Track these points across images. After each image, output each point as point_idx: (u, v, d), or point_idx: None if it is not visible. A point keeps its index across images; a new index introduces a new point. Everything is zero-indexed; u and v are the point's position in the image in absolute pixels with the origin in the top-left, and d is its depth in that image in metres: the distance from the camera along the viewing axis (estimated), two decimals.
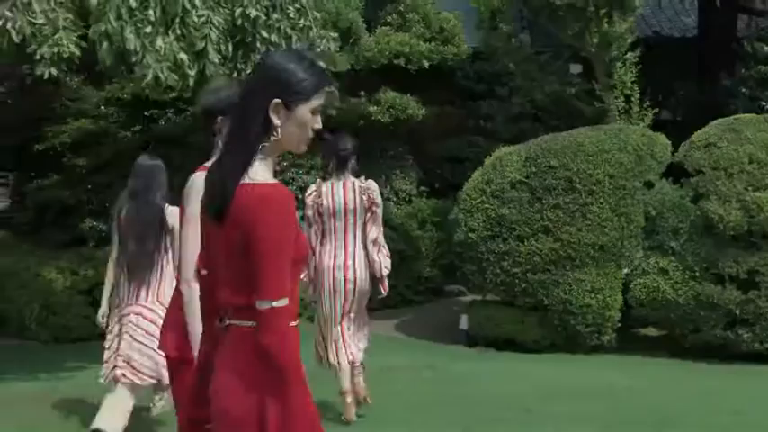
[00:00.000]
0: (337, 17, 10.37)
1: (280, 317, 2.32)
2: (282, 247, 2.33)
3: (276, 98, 2.37)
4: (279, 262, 2.32)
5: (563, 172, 9.00)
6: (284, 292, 2.33)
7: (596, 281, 8.73)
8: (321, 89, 2.42)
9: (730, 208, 8.31)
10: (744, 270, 8.24)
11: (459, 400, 6.94)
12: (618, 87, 10.11)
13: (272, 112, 2.37)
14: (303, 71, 2.40)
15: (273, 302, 2.31)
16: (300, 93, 2.38)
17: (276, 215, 2.32)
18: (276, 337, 2.31)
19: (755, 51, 10.90)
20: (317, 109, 2.42)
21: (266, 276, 2.31)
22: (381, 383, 7.37)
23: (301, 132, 2.41)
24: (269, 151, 2.40)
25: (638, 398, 6.85)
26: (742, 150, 8.65)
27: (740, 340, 8.27)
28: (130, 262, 5.55)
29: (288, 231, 2.35)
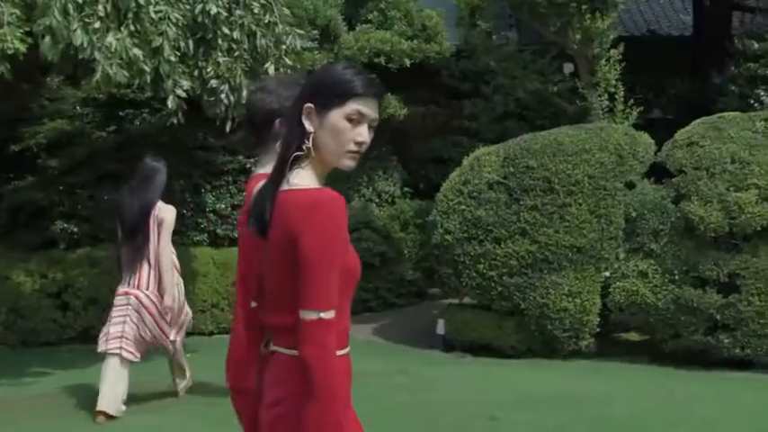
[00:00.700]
0: (315, 14, 10.16)
1: (326, 330, 2.10)
2: (332, 252, 2.11)
3: (309, 102, 2.22)
4: (328, 269, 2.11)
5: (541, 172, 8.75)
6: (333, 303, 2.11)
7: (574, 284, 8.47)
8: (359, 95, 2.19)
9: (711, 209, 8.03)
10: (725, 273, 7.95)
11: (425, 407, 6.72)
12: (601, 85, 9.84)
13: (304, 117, 2.22)
14: (341, 75, 2.23)
15: (321, 313, 2.09)
16: (332, 96, 2.20)
17: (324, 219, 2.11)
18: (319, 352, 2.08)
19: (746, 48, 10.60)
20: (355, 117, 2.19)
21: (313, 285, 2.10)
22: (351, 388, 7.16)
23: (336, 142, 2.19)
24: (314, 162, 2.22)
25: (609, 405, 6.58)
26: (725, 149, 8.37)
27: (721, 346, 7.98)
28: (123, 252, 6.42)
29: (337, 237, 2.13)
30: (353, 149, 2.21)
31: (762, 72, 10.28)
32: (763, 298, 7.84)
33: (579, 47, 9.51)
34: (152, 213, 6.42)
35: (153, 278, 6.44)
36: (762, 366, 8.00)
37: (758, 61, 10.38)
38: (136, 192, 6.49)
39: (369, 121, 2.23)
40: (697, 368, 8.09)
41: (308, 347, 2.09)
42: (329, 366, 2.08)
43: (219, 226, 10.30)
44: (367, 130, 2.23)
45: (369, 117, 2.23)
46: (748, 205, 7.91)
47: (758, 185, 8.06)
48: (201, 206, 10.22)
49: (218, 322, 9.81)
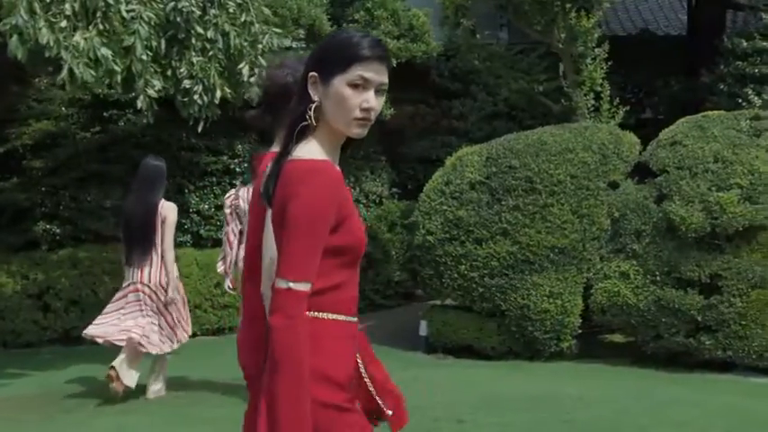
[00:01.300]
0: (299, 14, 10.09)
1: (294, 301, 2.05)
2: (314, 224, 2.06)
3: (313, 71, 2.17)
4: (307, 240, 2.06)
5: (523, 172, 8.67)
6: (307, 275, 2.06)
7: (555, 285, 8.38)
8: (362, 59, 2.12)
9: (692, 209, 7.92)
10: (706, 274, 7.84)
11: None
12: (586, 84, 9.73)
13: (309, 87, 2.17)
14: (343, 40, 2.17)
15: (291, 283, 2.05)
16: (334, 62, 2.14)
17: (311, 189, 2.06)
18: (285, 322, 2.03)
19: (735, 47, 10.47)
20: (359, 82, 2.12)
21: (288, 253, 2.06)
22: None
23: (341, 110, 2.13)
24: (323, 132, 2.18)
25: (581, 407, 6.48)
26: (708, 149, 8.26)
27: (702, 348, 7.87)
28: (128, 249, 6.79)
29: (323, 209, 2.07)
30: (360, 116, 2.14)
31: (750, 71, 10.15)
32: (744, 299, 7.72)
33: (564, 45, 9.40)
34: (157, 212, 6.79)
35: (156, 273, 6.80)
36: (744, 368, 7.89)
37: (747, 60, 10.25)
38: (140, 192, 6.85)
39: (375, 86, 2.16)
40: (679, 370, 8.00)
41: (275, 316, 2.05)
42: (293, 338, 2.03)
43: (203, 227, 10.25)
44: (374, 95, 2.16)
45: (374, 82, 2.15)
46: (730, 205, 7.79)
47: (741, 185, 7.95)
48: (185, 207, 10.16)
49: (200, 323, 9.75)
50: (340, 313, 2.18)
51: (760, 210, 7.79)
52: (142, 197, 6.80)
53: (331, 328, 2.16)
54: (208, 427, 6.09)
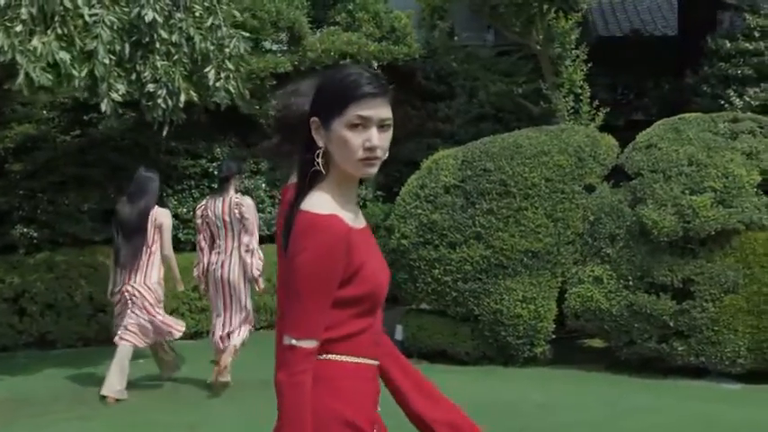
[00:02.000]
0: (277, 17, 10.05)
1: (298, 358, 2.06)
2: (317, 282, 2.06)
3: (314, 116, 2.15)
4: (311, 298, 2.06)
5: (498, 175, 8.58)
6: (312, 332, 2.07)
7: (528, 290, 8.29)
8: (358, 98, 2.08)
9: (665, 213, 7.81)
10: (679, 279, 7.73)
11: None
12: (565, 86, 9.62)
13: (314, 132, 2.15)
14: (337, 81, 2.13)
15: (294, 340, 2.06)
16: (331, 105, 2.10)
17: (312, 247, 2.05)
18: (289, 379, 2.05)
19: (718, 48, 10.33)
20: (359, 122, 2.08)
21: (293, 311, 2.08)
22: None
23: (345, 153, 2.09)
24: (334, 176, 2.15)
25: (541, 415, 6.41)
26: (682, 151, 8.15)
27: (675, 353, 7.76)
28: (121, 254, 7.16)
29: (325, 267, 2.06)
30: (364, 157, 2.09)
31: (733, 72, 10.01)
32: (717, 304, 7.61)
33: (542, 47, 9.30)
34: (149, 218, 7.21)
35: (146, 275, 7.21)
36: (717, 375, 7.78)
37: (730, 61, 10.11)
38: (134, 200, 7.27)
39: (377, 123, 2.10)
40: (652, 376, 7.89)
41: (279, 372, 2.06)
42: (297, 396, 2.04)
43: (181, 230, 10.22)
44: (376, 133, 2.10)
45: (375, 119, 2.10)
46: (703, 209, 7.68)
47: (714, 188, 7.83)
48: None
49: None
50: (359, 356, 2.18)
51: (733, 213, 7.68)
52: (135, 205, 7.22)
53: (349, 369, 2.16)
54: None
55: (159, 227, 7.26)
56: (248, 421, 6.41)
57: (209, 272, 7.30)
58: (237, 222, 7.14)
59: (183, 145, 10.30)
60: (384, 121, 2.11)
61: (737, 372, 7.70)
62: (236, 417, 6.57)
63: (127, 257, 7.14)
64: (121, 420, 6.50)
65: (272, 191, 10.78)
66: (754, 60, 9.88)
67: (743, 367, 7.68)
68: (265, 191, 10.71)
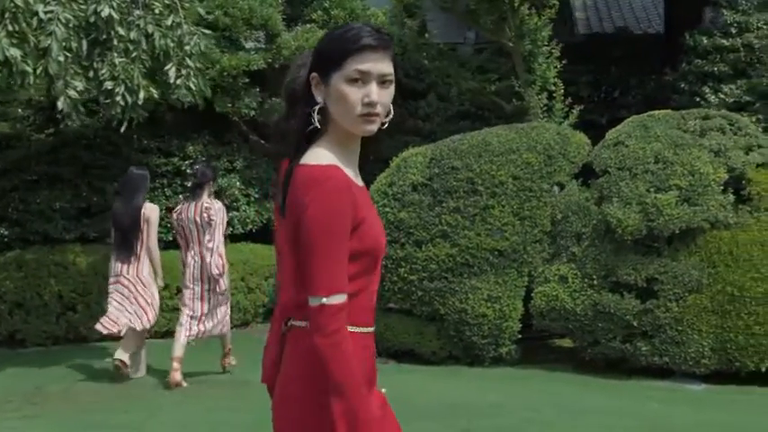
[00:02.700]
0: (250, 14, 9.99)
1: (332, 316, 1.97)
2: (332, 233, 1.97)
3: (314, 72, 2.08)
4: (329, 251, 1.97)
5: (465, 173, 8.50)
6: (338, 286, 1.98)
7: (494, 289, 8.20)
8: (356, 51, 2.01)
9: (629, 211, 7.72)
10: (642, 278, 7.64)
11: None
12: (537, 83, 9.52)
13: (313, 89, 2.08)
14: (336, 35, 2.07)
15: (324, 299, 1.97)
16: (329, 59, 2.04)
17: (320, 197, 1.97)
18: (327, 341, 1.96)
19: (696, 45, 10.20)
20: (357, 77, 2.01)
21: (314, 268, 1.98)
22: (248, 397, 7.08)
23: (343, 108, 2.03)
24: (332, 134, 2.08)
25: (490, 416, 6.31)
26: (649, 149, 8.05)
27: (639, 354, 7.67)
28: (117, 247, 7.69)
29: (337, 216, 1.98)
30: (363, 112, 2.03)
31: (710, 69, 9.88)
32: (681, 304, 7.52)
33: (514, 44, 9.21)
34: (140, 215, 7.65)
35: (135, 267, 7.70)
36: (683, 375, 7.68)
37: (706, 58, 9.99)
38: (126, 197, 7.74)
39: (377, 78, 2.03)
40: (617, 376, 7.80)
41: (316, 336, 1.97)
42: (340, 354, 1.97)
43: None
44: (375, 88, 2.03)
45: (374, 74, 2.03)
46: (667, 207, 7.58)
47: (680, 186, 7.73)
48: None
49: None
50: (355, 324, 2.07)
51: (698, 212, 7.58)
52: (128, 202, 7.68)
53: None
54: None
55: (147, 221, 7.67)
56: (197, 421, 6.38)
57: (185, 267, 7.68)
58: (207, 225, 7.47)
59: (156, 143, 10.26)
60: (385, 76, 2.05)
61: (702, 372, 7.61)
62: (186, 416, 6.52)
63: (122, 251, 7.67)
64: (69, 421, 6.45)
65: (247, 189, 10.73)
66: (730, 57, 9.75)
67: (707, 368, 7.58)
68: (240, 189, 10.66)
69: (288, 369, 2.13)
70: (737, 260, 7.53)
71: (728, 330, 7.48)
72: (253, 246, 10.63)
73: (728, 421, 6.38)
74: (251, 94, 10.40)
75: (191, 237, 7.53)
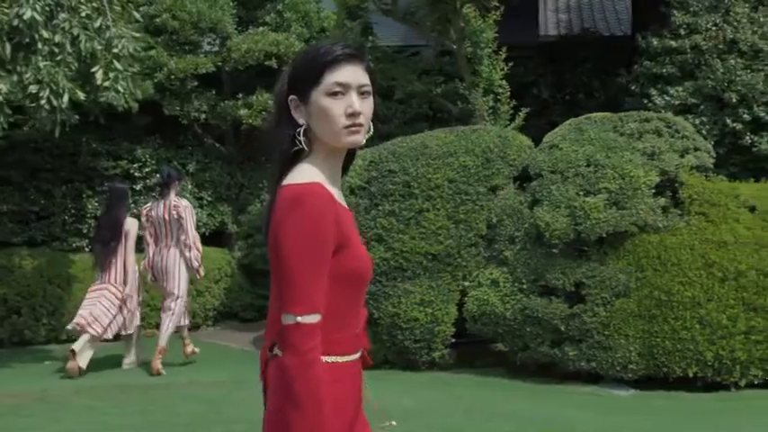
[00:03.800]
0: (199, 18, 9.99)
1: (305, 335, 1.92)
2: (309, 251, 1.93)
3: (291, 94, 2.06)
4: (306, 269, 1.92)
5: (402, 176, 8.46)
6: (314, 305, 1.92)
7: (426, 293, 8.15)
8: (332, 64, 2.01)
9: (558, 214, 7.65)
10: (571, 282, 7.56)
11: (222, 422, 6.49)
12: (480, 86, 9.46)
13: (293, 112, 2.06)
14: (309, 53, 2.07)
15: (298, 317, 1.91)
16: (306, 77, 2.03)
17: (300, 212, 1.93)
18: (299, 360, 1.91)
19: (648, 46, 10.10)
20: (337, 90, 2.00)
21: (289, 285, 1.93)
22: (164, 398, 7.08)
23: (327, 123, 2.01)
24: (317, 154, 2.06)
25: (399, 420, 6.26)
26: (581, 152, 7.97)
27: (567, 359, 7.59)
28: (99, 255, 8.23)
29: (317, 232, 1.93)
30: (348, 123, 2.00)
31: (658, 71, 9.78)
32: (608, 308, 7.44)
33: (457, 46, 9.14)
34: (122, 227, 8.19)
35: (119, 275, 8.21)
36: (612, 380, 7.60)
37: (656, 59, 9.88)
38: (110, 210, 8.33)
39: (356, 89, 2.02)
40: (547, 381, 7.74)
41: (287, 355, 1.92)
42: (310, 375, 1.91)
43: None
44: (357, 98, 2.02)
45: (352, 85, 2.02)
46: (594, 210, 7.51)
47: (609, 190, 7.65)
48: (82, 212, 10.14)
49: None
50: (338, 355, 2.02)
51: (626, 215, 7.50)
52: (111, 214, 8.27)
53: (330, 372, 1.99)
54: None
55: (126, 233, 8.20)
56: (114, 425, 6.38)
57: (154, 263, 8.31)
58: (175, 222, 8.14)
59: (106, 146, 10.28)
60: (363, 86, 2.04)
61: (630, 378, 7.53)
62: (109, 420, 6.52)
63: (103, 260, 8.19)
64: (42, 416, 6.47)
65: (200, 192, 10.74)
66: (678, 59, 9.64)
67: (635, 373, 7.50)
68: (193, 192, 10.67)
69: (272, 398, 2.04)
70: (665, 264, 7.45)
71: (655, 335, 7.39)
72: (205, 249, 10.61)
73: (640, 427, 6.31)
74: (202, 97, 10.39)
75: (160, 234, 8.21)
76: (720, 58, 9.24)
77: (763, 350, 7.33)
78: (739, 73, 9.10)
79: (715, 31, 9.28)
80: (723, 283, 7.39)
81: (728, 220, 7.66)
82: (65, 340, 9.73)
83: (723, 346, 7.33)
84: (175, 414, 6.74)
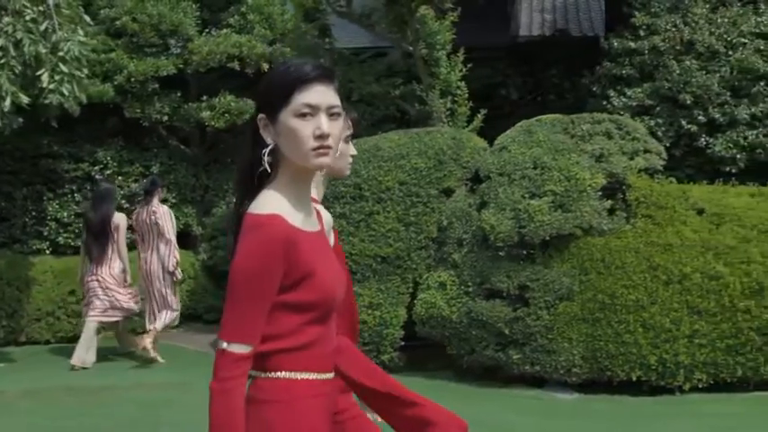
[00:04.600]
0: (159, 20, 9.98)
1: (229, 363, 1.93)
2: (250, 283, 1.94)
3: (260, 113, 2.04)
4: (244, 299, 1.94)
5: (353, 179, 8.43)
6: (243, 336, 1.95)
7: (375, 296, 8.13)
8: (301, 85, 1.98)
9: (503, 217, 7.61)
10: (515, 285, 7.52)
11: (158, 425, 6.50)
12: (437, 87, 9.42)
13: (262, 131, 2.03)
14: (278, 72, 2.05)
15: (225, 344, 1.95)
16: (275, 97, 2.01)
17: (247, 247, 1.94)
18: (218, 386, 1.93)
19: (610, 47, 10.04)
20: (306, 111, 1.98)
21: (227, 312, 1.96)
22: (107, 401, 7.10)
23: (294, 145, 1.99)
24: (285, 175, 2.04)
25: None
26: (529, 154, 7.94)
27: (511, 362, 7.55)
28: (90, 249, 8.72)
29: (259, 267, 1.94)
30: (316, 146, 1.98)
31: (617, 72, 9.72)
32: (551, 312, 7.40)
33: (413, 48, 9.11)
34: (110, 222, 8.70)
35: (110, 266, 8.70)
36: (556, 384, 7.56)
37: (616, 60, 9.82)
38: (96, 207, 8.77)
39: (325, 110, 2.00)
40: (493, 385, 7.70)
41: (212, 379, 1.95)
42: (225, 403, 1.92)
43: (61, 234, 10.21)
44: (326, 120, 1.99)
45: (322, 106, 2.00)
46: (538, 213, 7.46)
47: (555, 192, 7.61)
48: (43, 214, 10.16)
49: (54, 331, 9.76)
50: (312, 371, 2.06)
51: (570, 218, 7.45)
52: (97, 211, 8.70)
53: (304, 389, 2.05)
54: None
55: (116, 228, 8.72)
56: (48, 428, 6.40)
57: (142, 266, 8.91)
58: (155, 226, 8.71)
59: (67, 149, 10.30)
60: (332, 108, 2.02)
61: (574, 381, 7.48)
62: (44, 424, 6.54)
63: (94, 253, 8.67)
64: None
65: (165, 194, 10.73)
66: (637, 60, 9.58)
67: (579, 377, 7.45)
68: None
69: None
70: (609, 267, 7.40)
71: (599, 339, 7.35)
72: None
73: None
74: (165, 99, 10.40)
75: (145, 236, 8.84)
76: (677, 60, 9.17)
77: (707, 354, 7.27)
78: (695, 74, 9.03)
79: (673, 33, 9.21)
80: (667, 286, 7.34)
81: (675, 223, 7.60)
82: (23, 342, 9.77)
83: (667, 350, 7.28)
84: (111, 417, 6.76)
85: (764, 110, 8.68)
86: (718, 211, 7.76)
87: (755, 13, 9.34)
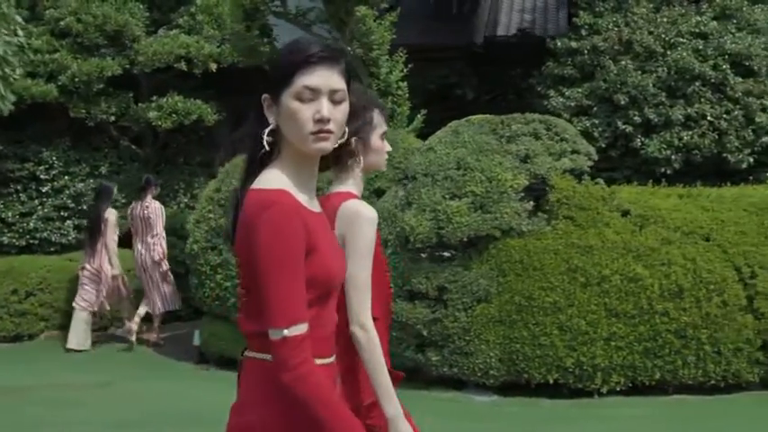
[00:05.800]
0: (103, 21, 10.00)
1: (294, 348, 1.91)
2: (284, 260, 1.91)
3: (265, 93, 2.03)
4: (284, 277, 1.91)
5: None
6: (298, 316, 1.91)
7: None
8: (303, 67, 1.95)
9: (423, 218, 7.56)
10: (434, 286, 7.47)
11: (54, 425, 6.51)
12: (373, 87, 9.37)
13: (266, 110, 2.02)
14: (283, 54, 2.03)
15: (285, 330, 1.91)
16: (278, 78, 1.98)
17: (269, 224, 1.91)
18: (291, 375, 1.90)
19: (554, 48, 9.96)
20: (306, 94, 1.95)
21: (272, 299, 1.92)
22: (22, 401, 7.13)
23: (294, 127, 1.96)
24: (287, 156, 2.03)
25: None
26: (453, 154, 7.88)
27: (430, 364, 7.51)
28: (86, 241, 9.69)
29: (288, 242, 1.92)
30: (314, 130, 1.95)
31: (559, 72, 9.64)
32: (469, 313, 7.35)
33: (351, 48, 9.07)
34: (102, 217, 9.51)
35: (98, 259, 9.54)
36: (475, 386, 7.50)
37: (558, 60, 9.75)
38: (96, 204, 9.69)
39: (327, 94, 1.97)
40: (414, 387, 7.62)
41: (282, 374, 1.91)
42: (311, 387, 1.91)
43: (5, 234, 10.24)
44: (326, 104, 1.96)
45: (324, 89, 1.96)
46: (457, 214, 7.42)
47: (475, 193, 7.55)
48: None
49: None
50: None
51: (488, 219, 7.40)
52: (96, 208, 9.62)
53: None
54: None
55: (105, 222, 9.51)
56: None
57: (136, 256, 9.70)
58: (147, 220, 9.58)
59: (13, 149, 10.33)
60: (336, 92, 1.98)
61: (492, 384, 7.43)
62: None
63: (87, 246, 9.57)
64: None
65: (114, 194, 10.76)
66: (578, 60, 9.50)
67: (496, 379, 7.40)
68: None
69: (246, 399, 2.08)
70: (528, 269, 7.34)
71: (516, 341, 7.29)
72: (121, 251, 10.61)
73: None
74: (113, 100, 10.41)
75: (139, 230, 9.64)
76: (614, 60, 9.09)
77: (625, 356, 7.20)
78: (631, 74, 8.94)
79: (614, 33, 9.12)
80: (585, 288, 7.27)
81: (597, 224, 7.54)
82: None
83: (584, 353, 7.21)
84: (20, 416, 6.77)
85: (700, 110, 8.59)
86: (643, 213, 7.70)
87: (698, 12, 9.24)
